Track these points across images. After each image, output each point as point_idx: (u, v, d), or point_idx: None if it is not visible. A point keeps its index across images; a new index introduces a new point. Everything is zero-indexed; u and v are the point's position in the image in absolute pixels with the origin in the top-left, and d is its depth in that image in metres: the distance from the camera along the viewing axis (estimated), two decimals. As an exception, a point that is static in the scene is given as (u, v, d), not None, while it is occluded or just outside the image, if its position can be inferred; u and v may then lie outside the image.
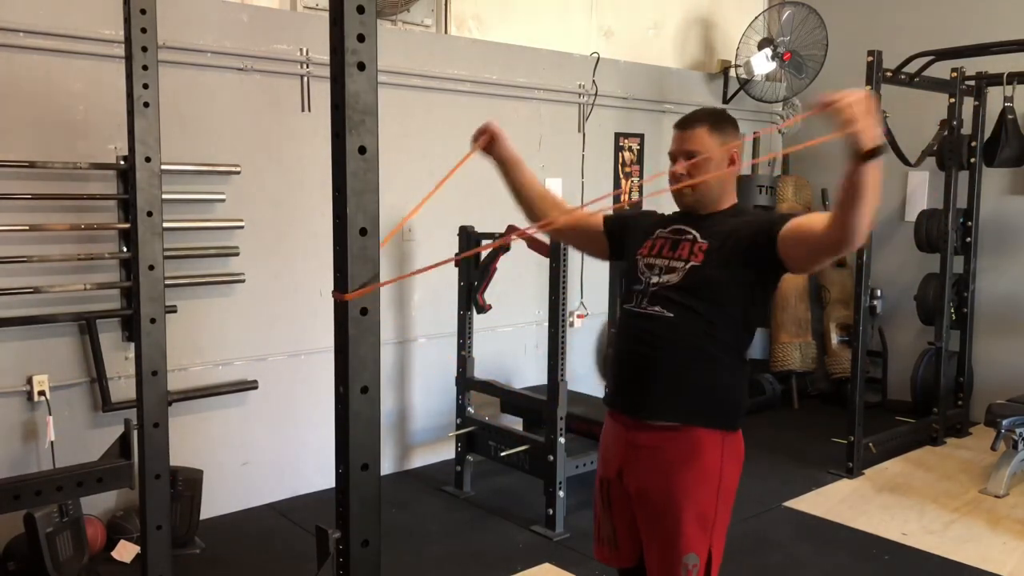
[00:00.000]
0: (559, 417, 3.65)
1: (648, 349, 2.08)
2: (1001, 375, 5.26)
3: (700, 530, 2.05)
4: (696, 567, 2.05)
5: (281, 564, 3.42)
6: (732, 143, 2.11)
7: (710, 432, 2.06)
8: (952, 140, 4.94)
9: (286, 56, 3.90)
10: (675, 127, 2.15)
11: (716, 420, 2.07)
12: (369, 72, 1.35)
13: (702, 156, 2.06)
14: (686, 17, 5.86)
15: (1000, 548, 3.60)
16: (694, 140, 2.08)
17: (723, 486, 2.07)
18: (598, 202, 2.42)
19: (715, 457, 2.06)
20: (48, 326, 3.38)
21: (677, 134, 2.13)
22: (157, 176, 2.38)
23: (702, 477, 2.05)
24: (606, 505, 2.24)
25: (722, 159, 2.09)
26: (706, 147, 2.07)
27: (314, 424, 4.11)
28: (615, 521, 2.22)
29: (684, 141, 2.10)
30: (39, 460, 3.39)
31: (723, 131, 2.10)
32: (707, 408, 2.07)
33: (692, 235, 2.11)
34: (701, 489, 2.05)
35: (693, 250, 2.08)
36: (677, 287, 2.05)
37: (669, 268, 2.09)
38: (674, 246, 2.13)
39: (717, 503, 2.07)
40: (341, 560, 1.45)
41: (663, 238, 2.17)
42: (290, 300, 4.02)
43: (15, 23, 3.22)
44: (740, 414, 2.13)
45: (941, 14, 5.49)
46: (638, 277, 2.16)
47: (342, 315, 1.38)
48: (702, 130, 2.08)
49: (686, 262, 2.07)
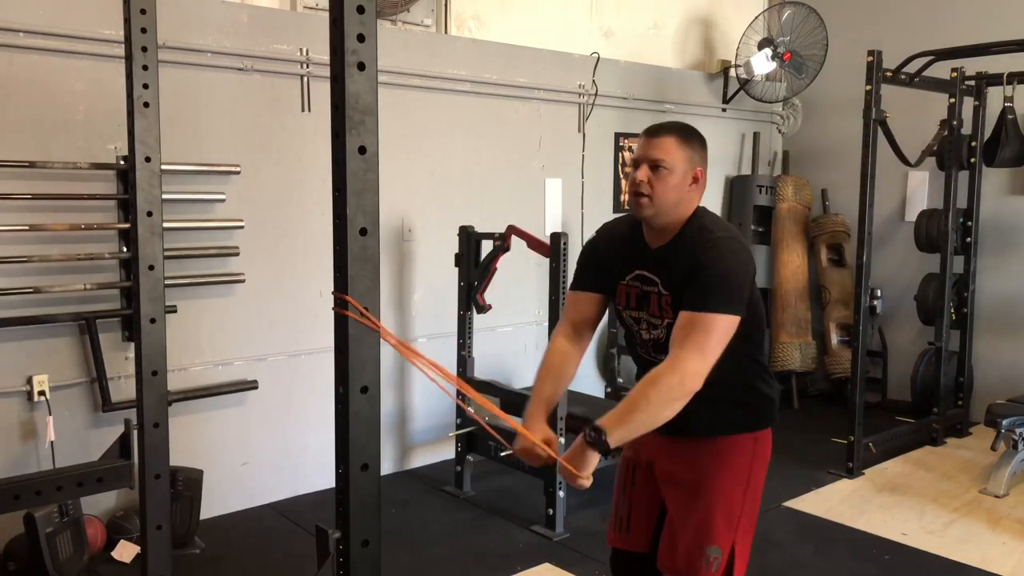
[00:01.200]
0: (559, 417, 3.65)
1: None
2: (1001, 375, 5.26)
3: (726, 524, 2.09)
4: (717, 560, 2.08)
5: (281, 564, 3.42)
6: (698, 161, 2.06)
7: (743, 436, 2.13)
8: (952, 140, 4.94)
9: (286, 56, 3.90)
10: (643, 133, 2.09)
11: (747, 425, 2.14)
12: (369, 72, 1.35)
13: (666, 166, 2.00)
14: (686, 17, 5.86)
15: (1000, 548, 3.60)
16: (661, 148, 2.02)
17: (751, 486, 2.13)
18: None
19: (746, 459, 2.13)
20: (48, 326, 3.38)
21: (644, 140, 2.06)
22: (157, 176, 2.38)
23: (732, 475, 2.11)
24: (627, 486, 2.27)
25: (685, 174, 2.02)
26: (672, 158, 2.01)
27: (314, 424, 4.11)
28: (633, 503, 2.25)
29: (651, 148, 2.03)
30: (39, 460, 3.39)
31: (691, 147, 2.04)
32: (738, 419, 2.14)
33: (656, 287, 2.07)
34: (730, 485, 2.10)
35: (662, 305, 2.05)
36: (666, 342, 2.01)
37: (651, 324, 2.10)
38: (644, 300, 2.09)
39: (744, 501, 2.12)
40: (341, 560, 1.45)
41: (633, 287, 2.13)
42: (290, 300, 4.02)
43: (15, 23, 3.22)
44: (773, 412, 2.19)
45: (941, 14, 5.49)
46: (632, 331, 2.18)
47: (342, 315, 1.38)
48: (671, 140, 2.02)
49: (661, 318, 2.07)
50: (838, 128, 5.88)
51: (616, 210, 5.34)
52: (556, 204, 5.03)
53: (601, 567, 3.36)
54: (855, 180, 4.51)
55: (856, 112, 4.46)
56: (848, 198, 5.48)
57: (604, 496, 4.06)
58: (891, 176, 5.46)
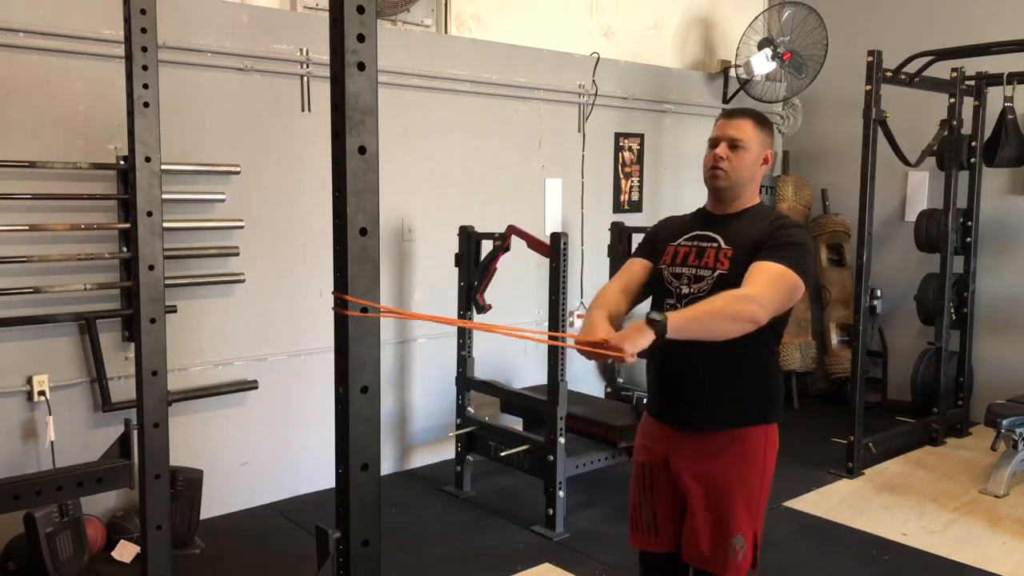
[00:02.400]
0: (559, 417, 3.65)
1: (690, 368, 2.16)
2: (1001, 375, 5.26)
3: (748, 513, 2.15)
4: (743, 548, 2.14)
5: (281, 564, 3.42)
6: (768, 144, 2.24)
7: (756, 428, 2.18)
8: (952, 140, 4.94)
9: (286, 56, 3.90)
10: (722, 116, 2.27)
11: (760, 417, 2.20)
12: (369, 72, 1.35)
13: (743, 145, 2.17)
14: (686, 17, 5.86)
15: (1000, 548, 3.60)
16: (740, 128, 2.19)
17: (766, 472, 2.20)
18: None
19: (760, 447, 2.18)
20: (48, 326, 3.38)
21: (723, 121, 2.23)
22: (157, 176, 2.38)
23: (749, 465, 2.17)
24: (647, 489, 2.29)
25: (759, 154, 2.21)
26: (749, 138, 2.18)
27: (314, 424, 4.11)
28: (656, 505, 2.27)
29: (730, 128, 2.20)
30: (39, 460, 3.39)
31: (764, 130, 2.23)
32: (753, 410, 2.19)
33: (717, 242, 2.19)
34: (748, 475, 2.16)
35: (719, 257, 2.16)
36: (710, 295, 2.09)
37: (697, 277, 2.17)
38: (700, 254, 2.20)
39: (761, 487, 2.19)
40: (341, 560, 1.46)
41: (686, 246, 2.24)
42: (290, 300, 4.02)
43: (15, 23, 3.22)
44: (780, 407, 2.25)
45: (941, 14, 5.49)
46: (668, 288, 2.22)
47: (342, 315, 1.38)
48: (748, 122, 2.21)
49: (713, 270, 2.15)
50: (838, 128, 5.88)
51: (616, 210, 5.34)
52: (556, 204, 5.03)
53: (601, 567, 3.37)
54: (855, 180, 4.51)
55: (856, 112, 4.46)
56: (848, 198, 5.48)
57: (604, 496, 4.07)
58: (891, 176, 5.46)
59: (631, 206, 5.45)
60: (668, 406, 2.25)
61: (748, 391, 2.18)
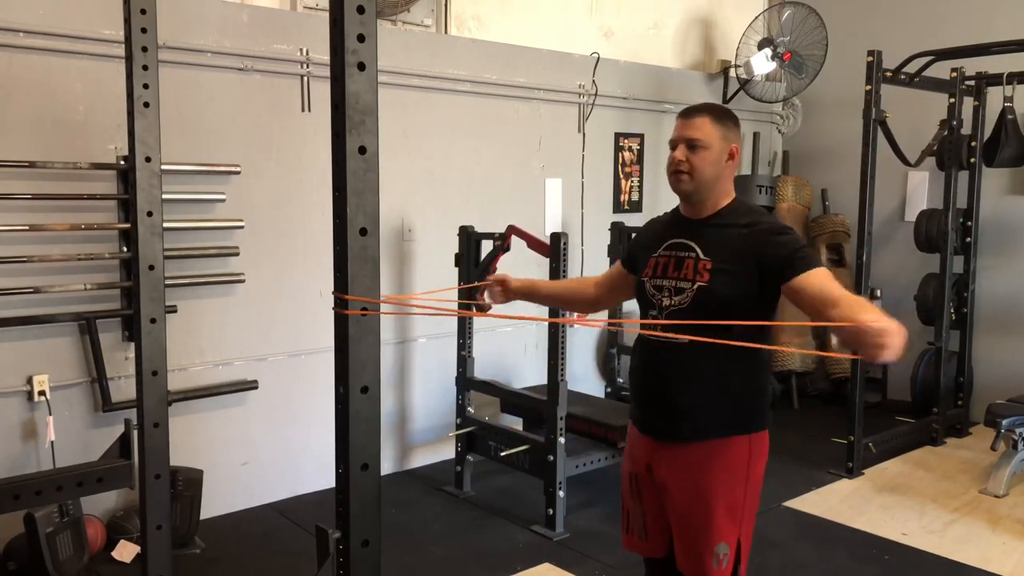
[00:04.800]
0: (559, 417, 3.65)
1: (669, 379, 2.14)
2: (1001, 375, 5.26)
3: (730, 521, 2.12)
4: (727, 556, 2.12)
5: (281, 564, 3.42)
6: (732, 138, 2.16)
7: (737, 438, 2.13)
8: (952, 140, 4.93)
9: (286, 56, 3.90)
10: (679, 116, 2.20)
11: (742, 427, 2.14)
12: (369, 72, 1.35)
13: (703, 144, 2.10)
14: (686, 17, 5.86)
15: (1000, 548, 3.60)
16: (697, 127, 2.12)
17: (750, 480, 2.14)
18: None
19: (742, 456, 2.13)
20: (48, 326, 3.38)
21: (680, 122, 2.17)
22: (157, 176, 2.38)
23: (730, 474, 2.12)
24: (636, 496, 2.28)
25: (722, 151, 2.13)
26: (707, 136, 2.11)
27: (314, 424, 4.11)
28: (646, 511, 2.26)
29: (686, 128, 2.13)
30: (39, 460, 3.39)
31: (725, 125, 2.15)
32: (733, 421, 2.14)
33: (694, 252, 2.13)
34: (729, 484, 2.12)
35: (698, 269, 2.10)
36: (688, 309, 2.08)
37: (678, 289, 2.12)
38: (678, 265, 2.15)
39: (745, 495, 2.14)
40: (341, 560, 1.46)
41: (665, 256, 2.19)
42: (290, 300, 4.02)
43: (15, 23, 3.22)
44: (766, 416, 2.19)
45: (941, 14, 5.49)
46: (651, 301, 2.19)
47: (342, 315, 1.38)
48: (705, 119, 2.13)
49: (692, 282, 2.10)
50: (838, 128, 5.88)
51: (616, 210, 5.34)
52: (556, 204, 5.03)
53: (601, 567, 3.37)
54: (855, 180, 4.51)
55: (856, 112, 4.46)
56: (848, 198, 5.48)
57: (604, 496, 4.07)
58: (891, 176, 5.46)
59: (631, 206, 5.45)
60: (648, 418, 2.23)
61: (728, 402, 2.12)
